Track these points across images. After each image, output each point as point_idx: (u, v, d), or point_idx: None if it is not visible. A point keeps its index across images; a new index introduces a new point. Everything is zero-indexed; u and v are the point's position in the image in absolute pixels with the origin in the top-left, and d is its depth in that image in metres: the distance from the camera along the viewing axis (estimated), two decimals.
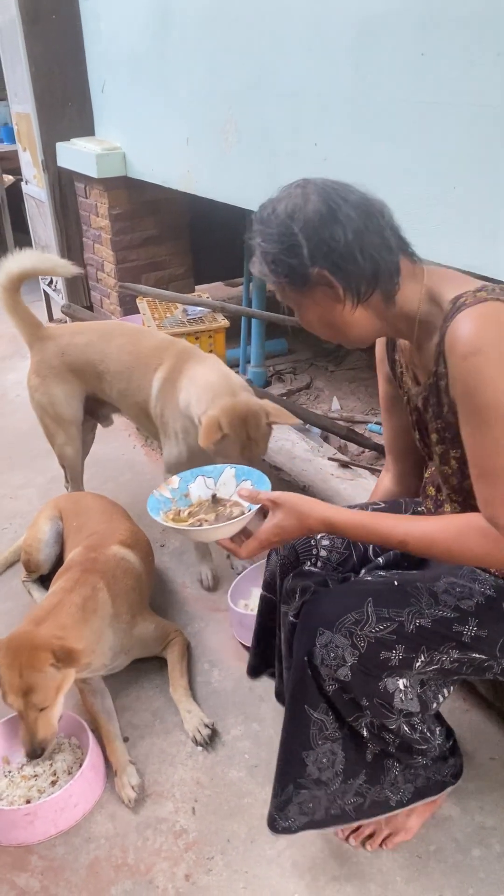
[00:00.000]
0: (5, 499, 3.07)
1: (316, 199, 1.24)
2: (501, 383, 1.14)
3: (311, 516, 1.31)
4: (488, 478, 1.19)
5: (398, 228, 1.30)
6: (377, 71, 1.94)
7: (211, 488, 1.55)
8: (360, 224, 1.23)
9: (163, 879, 1.62)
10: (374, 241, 1.25)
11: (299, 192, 1.26)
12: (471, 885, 1.57)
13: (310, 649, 1.35)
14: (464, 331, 1.18)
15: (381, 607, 1.34)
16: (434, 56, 1.75)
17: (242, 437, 2.05)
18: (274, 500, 1.34)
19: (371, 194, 1.29)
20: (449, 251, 1.83)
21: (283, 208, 1.26)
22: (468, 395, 1.18)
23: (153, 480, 3.06)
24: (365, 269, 1.25)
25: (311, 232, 1.23)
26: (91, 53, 3.89)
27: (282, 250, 1.26)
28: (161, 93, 3.18)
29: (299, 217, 1.24)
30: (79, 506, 2.43)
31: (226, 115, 2.69)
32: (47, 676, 1.70)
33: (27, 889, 1.62)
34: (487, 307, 1.19)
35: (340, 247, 1.23)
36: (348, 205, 1.24)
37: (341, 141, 2.13)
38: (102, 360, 2.48)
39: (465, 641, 1.34)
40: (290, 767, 1.44)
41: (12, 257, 2.43)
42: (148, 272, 4.06)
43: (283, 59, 2.31)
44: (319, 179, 1.28)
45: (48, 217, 4.40)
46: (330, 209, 1.23)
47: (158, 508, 1.48)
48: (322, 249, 1.24)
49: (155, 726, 1.99)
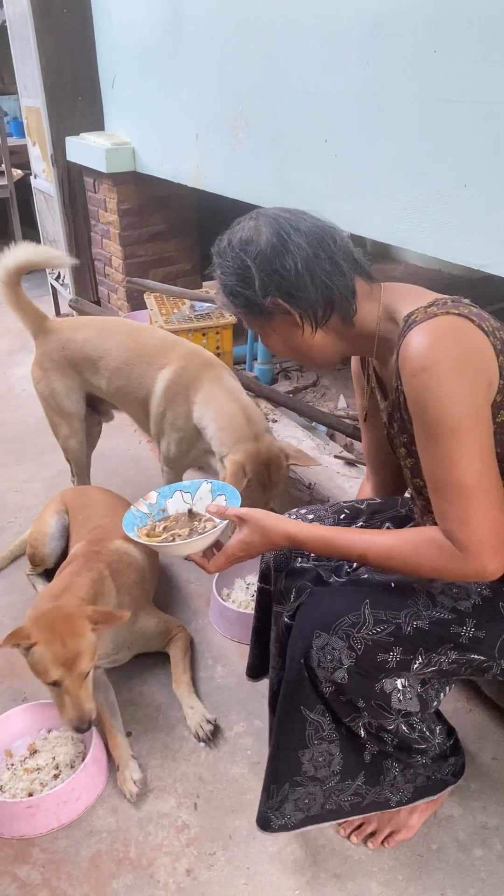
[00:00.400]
0: (10, 493, 3.07)
1: (267, 230, 1.30)
2: (449, 399, 1.16)
3: (275, 532, 1.36)
4: (442, 492, 1.21)
5: (352, 251, 1.35)
6: (388, 68, 1.93)
7: (188, 503, 1.59)
8: (311, 252, 1.29)
9: (164, 874, 1.62)
10: (325, 268, 1.30)
11: (252, 224, 1.33)
12: (472, 884, 1.57)
13: (306, 651, 1.35)
14: (413, 348, 1.20)
15: (378, 609, 1.33)
16: (446, 53, 1.74)
17: (264, 481, 2.16)
18: (240, 517, 1.39)
19: (323, 221, 1.34)
20: (458, 249, 1.83)
21: (237, 240, 1.33)
22: (418, 411, 1.21)
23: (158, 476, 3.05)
24: (318, 296, 1.31)
25: (263, 263, 1.29)
26: (102, 48, 3.88)
27: (237, 282, 1.33)
28: (171, 88, 3.18)
29: (252, 249, 1.30)
30: (84, 499, 2.43)
31: (236, 111, 2.69)
32: (88, 641, 1.72)
33: (28, 881, 1.62)
34: (437, 322, 1.21)
35: (291, 276, 1.29)
36: (299, 234, 1.29)
37: (351, 137, 2.12)
38: (101, 356, 2.48)
39: (463, 643, 1.34)
40: (284, 767, 1.44)
41: (7, 252, 2.44)
42: (156, 268, 4.06)
43: (294, 56, 2.31)
44: (272, 210, 1.34)
45: (56, 212, 4.41)
46: (281, 239, 1.29)
47: (133, 524, 1.53)
48: (274, 279, 1.30)
49: (158, 721, 1.99)
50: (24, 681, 2.12)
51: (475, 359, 1.19)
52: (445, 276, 5.20)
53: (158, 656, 2.16)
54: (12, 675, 2.15)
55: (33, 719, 1.93)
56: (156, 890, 1.59)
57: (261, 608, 1.69)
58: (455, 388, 1.16)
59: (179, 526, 1.52)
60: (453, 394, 1.16)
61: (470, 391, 1.17)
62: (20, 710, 1.93)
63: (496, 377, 1.21)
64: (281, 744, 1.44)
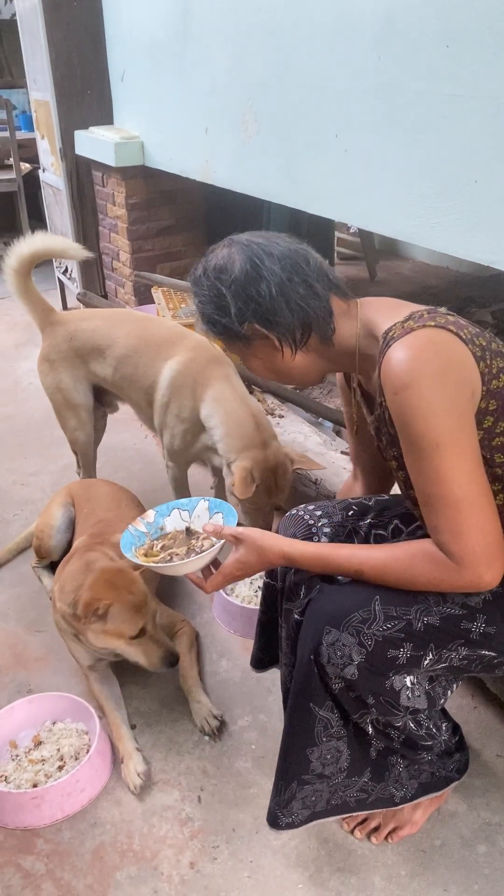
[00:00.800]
0: (17, 485, 3.08)
1: (240, 257, 1.32)
2: (432, 414, 1.17)
3: (271, 551, 1.38)
4: (432, 505, 1.21)
5: (326, 271, 1.37)
6: (400, 62, 1.92)
7: (186, 521, 1.60)
8: (284, 277, 1.31)
9: (167, 866, 1.62)
10: (299, 291, 1.32)
11: (225, 251, 1.34)
12: (475, 881, 1.57)
13: (316, 648, 1.34)
14: (393, 366, 1.21)
15: (389, 605, 1.32)
16: (458, 48, 1.74)
17: (270, 486, 2.19)
18: (236, 536, 1.40)
19: (295, 243, 1.36)
20: (467, 246, 1.82)
21: (211, 268, 1.35)
22: (403, 428, 1.22)
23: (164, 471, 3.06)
24: (294, 319, 1.33)
25: (237, 290, 1.31)
26: (111, 41, 3.88)
27: (214, 310, 1.36)
28: (181, 82, 3.17)
29: (226, 277, 1.32)
30: (90, 492, 2.44)
31: (246, 106, 2.68)
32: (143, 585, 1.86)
33: (32, 872, 1.63)
34: (415, 337, 1.21)
35: (267, 301, 1.31)
36: (272, 259, 1.31)
37: (361, 133, 2.12)
38: (109, 345, 2.48)
39: (474, 639, 1.33)
40: (293, 765, 1.44)
41: (24, 240, 2.44)
42: (163, 262, 4.06)
43: (304, 50, 2.30)
44: (245, 237, 1.36)
45: (65, 206, 4.40)
46: (254, 266, 1.31)
47: (131, 544, 1.54)
48: (250, 306, 1.32)
49: (162, 715, 1.99)
50: (30, 672, 2.13)
51: (456, 370, 1.20)
52: (454, 273, 5.20)
53: None
54: (17, 667, 2.15)
55: (38, 711, 1.93)
56: (159, 882, 1.59)
57: (266, 602, 1.69)
58: (437, 402, 1.17)
59: (177, 544, 1.53)
60: (436, 408, 1.17)
61: (452, 403, 1.18)
62: (25, 702, 1.93)
63: (479, 385, 1.22)
64: (290, 742, 1.44)
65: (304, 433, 2.85)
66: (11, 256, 2.45)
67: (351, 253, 5.74)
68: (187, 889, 1.58)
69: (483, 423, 1.24)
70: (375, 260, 5.31)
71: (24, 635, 2.27)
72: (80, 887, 1.59)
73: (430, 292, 4.81)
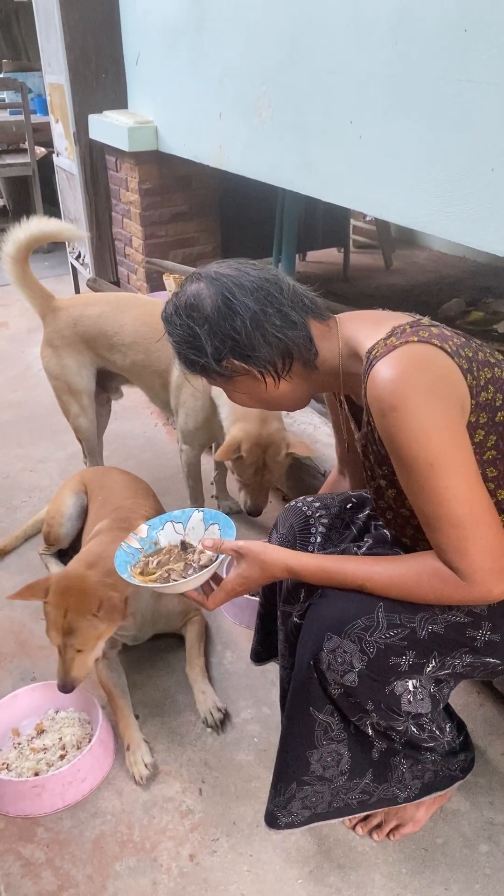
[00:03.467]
0: (25, 472, 3.08)
1: (210, 293, 1.28)
2: (423, 434, 1.14)
3: (274, 565, 1.33)
4: (434, 525, 1.18)
5: (301, 295, 1.33)
6: (417, 47, 1.88)
7: (180, 534, 1.55)
8: (258, 309, 1.27)
9: (167, 858, 1.62)
10: (275, 323, 1.28)
11: (194, 288, 1.30)
12: (477, 880, 1.56)
13: (316, 653, 1.32)
14: (379, 387, 1.17)
15: (393, 613, 1.28)
16: (476, 33, 1.69)
17: (258, 463, 2.18)
18: (237, 551, 1.36)
19: (266, 271, 1.32)
20: (483, 235, 1.78)
21: (182, 306, 1.31)
22: (395, 451, 1.18)
23: (174, 459, 3.05)
24: (273, 351, 1.29)
25: (211, 329, 1.28)
26: (126, 24, 3.83)
27: (190, 350, 1.32)
28: (195, 66, 3.13)
29: (198, 315, 1.28)
30: (104, 480, 2.42)
31: (260, 91, 2.64)
32: (88, 623, 1.74)
33: (32, 860, 1.63)
34: (399, 355, 1.18)
35: (242, 338, 1.27)
36: (244, 291, 1.27)
37: (377, 119, 2.07)
38: (117, 331, 2.47)
39: (478, 647, 1.31)
40: (291, 767, 1.43)
41: (18, 227, 2.42)
42: (176, 249, 4.03)
43: (319, 34, 2.26)
44: (213, 268, 1.32)
45: (78, 190, 4.38)
46: (226, 301, 1.27)
47: (126, 563, 1.49)
48: (227, 344, 1.28)
49: (165, 705, 1.99)
50: (34, 660, 2.13)
51: (443, 386, 1.16)
52: (470, 262, 5.13)
53: (168, 641, 2.16)
54: (22, 655, 2.15)
55: (41, 699, 1.93)
56: (158, 874, 1.59)
57: (265, 595, 1.68)
58: (427, 421, 1.13)
59: (173, 560, 1.48)
60: (427, 428, 1.13)
61: (443, 421, 1.14)
62: (28, 690, 1.93)
63: (467, 399, 1.18)
64: (289, 743, 1.43)
65: (315, 424, 2.82)
66: (8, 243, 2.44)
67: (367, 241, 5.68)
68: (186, 881, 1.57)
69: (474, 438, 1.20)
70: (391, 249, 5.25)
71: (30, 623, 2.27)
72: (79, 877, 1.59)
73: (446, 282, 4.76)
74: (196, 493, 2.61)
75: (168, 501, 2.67)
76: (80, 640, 1.74)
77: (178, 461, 2.56)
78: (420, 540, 1.32)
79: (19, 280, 2.51)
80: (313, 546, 1.56)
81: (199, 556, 1.45)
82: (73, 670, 1.75)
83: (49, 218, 2.52)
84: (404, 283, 4.86)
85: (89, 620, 1.73)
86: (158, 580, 1.43)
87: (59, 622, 1.73)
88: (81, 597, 1.74)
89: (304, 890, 1.55)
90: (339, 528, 1.58)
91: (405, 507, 1.31)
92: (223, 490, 2.80)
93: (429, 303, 4.28)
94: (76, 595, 1.75)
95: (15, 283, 2.53)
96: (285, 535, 1.59)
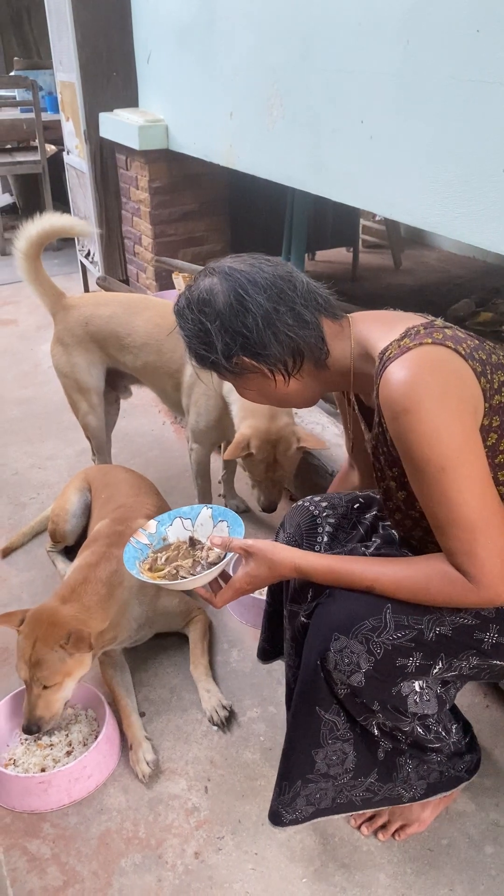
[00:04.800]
0: (34, 469, 3.09)
1: (223, 289, 1.27)
2: (435, 438, 1.13)
3: (282, 564, 1.33)
4: (444, 529, 1.18)
5: (314, 292, 1.32)
6: (428, 46, 1.87)
7: (188, 530, 1.56)
8: (270, 307, 1.26)
9: (172, 855, 1.62)
10: (287, 322, 1.27)
11: (207, 282, 1.29)
12: (482, 881, 1.56)
13: (323, 653, 1.32)
14: (392, 389, 1.16)
15: (401, 614, 1.28)
16: (489, 33, 1.69)
17: (269, 459, 2.17)
18: (246, 549, 1.36)
19: (280, 267, 1.30)
20: (492, 236, 1.78)
21: (195, 301, 1.30)
22: (406, 453, 1.18)
23: (181, 457, 3.05)
24: (284, 350, 1.28)
25: (223, 325, 1.27)
26: (138, 22, 3.84)
27: (200, 345, 1.31)
28: (206, 65, 3.13)
29: (210, 311, 1.27)
30: (108, 478, 2.43)
31: (270, 90, 2.64)
32: (56, 656, 1.72)
33: (38, 855, 1.63)
34: (412, 357, 1.17)
35: (254, 335, 1.26)
36: (257, 288, 1.26)
37: (387, 119, 2.07)
38: (129, 333, 2.47)
39: (486, 649, 1.30)
40: (297, 765, 1.43)
41: (30, 223, 2.43)
42: (185, 247, 4.03)
43: (331, 34, 2.25)
44: (227, 265, 1.30)
45: (88, 188, 4.39)
46: (238, 298, 1.26)
47: (135, 559, 1.49)
48: (238, 340, 1.27)
49: (171, 703, 1.99)
50: None
51: (456, 389, 1.16)
52: (480, 263, 5.12)
53: (174, 638, 2.17)
54: None
55: None
56: (163, 871, 1.60)
57: (272, 594, 1.68)
58: (439, 425, 1.13)
59: (181, 556, 1.49)
60: (439, 431, 1.13)
61: (456, 424, 1.14)
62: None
63: (480, 402, 1.18)
64: (294, 742, 1.43)
65: (322, 424, 2.82)
66: (20, 239, 2.44)
67: (376, 241, 5.67)
68: (191, 878, 1.58)
69: (486, 441, 1.20)
70: (401, 249, 5.24)
71: None
72: (84, 872, 1.60)
73: (455, 282, 4.74)
74: (204, 491, 2.61)
75: (175, 500, 2.68)
76: (47, 675, 1.71)
77: (185, 459, 2.56)
78: (428, 542, 1.32)
79: (31, 277, 2.52)
80: (320, 546, 1.57)
81: (208, 553, 1.46)
82: (37, 708, 1.72)
83: (61, 213, 2.53)
84: (413, 284, 4.84)
85: (57, 653, 1.71)
86: (167, 577, 1.43)
87: (27, 653, 1.72)
88: (51, 628, 1.73)
89: (309, 889, 1.55)
90: (347, 529, 1.58)
91: (415, 510, 1.31)
92: (231, 489, 2.81)
93: (438, 303, 4.27)
94: (46, 626, 1.73)
95: (27, 280, 2.54)
96: (292, 534, 1.59)
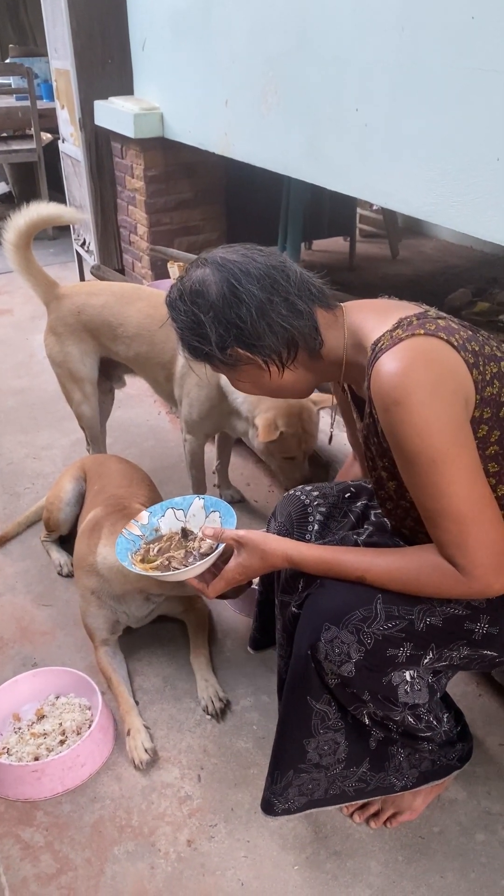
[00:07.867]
0: (28, 459, 3.08)
1: (217, 279, 1.26)
2: (426, 430, 1.13)
3: (274, 554, 1.34)
4: (435, 521, 1.18)
5: (308, 282, 1.31)
6: (424, 34, 1.86)
7: (181, 520, 1.56)
8: (264, 298, 1.25)
9: (165, 843, 1.63)
10: (281, 312, 1.26)
11: (200, 273, 1.28)
12: (473, 869, 1.57)
13: (314, 643, 1.32)
14: (383, 381, 1.16)
15: (391, 605, 1.29)
16: (484, 20, 1.68)
17: (298, 432, 2.18)
18: (238, 540, 1.36)
19: (273, 257, 1.29)
20: (489, 226, 1.77)
21: (187, 292, 1.28)
22: (397, 445, 1.18)
23: (177, 448, 3.05)
24: (278, 340, 1.28)
25: (216, 316, 1.26)
26: (133, 10, 3.81)
27: (194, 337, 1.30)
28: (202, 53, 3.11)
29: (203, 302, 1.26)
30: (103, 468, 2.43)
31: (266, 78, 2.62)
32: None
33: (31, 843, 1.64)
34: (404, 348, 1.17)
35: (248, 326, 1.25)
36: (250, 278, 1.25)
37: (383, 107, 2.06)
38: (121, 323, 2.46)
39: (476, 639, 1.31)
40: (289, 755, 1.43)
41: (17, 214, 2.41)
42: (181, 236, 4.02)
43: (326, 21, 2.24)
44: (219, 255, 1.29)
45: (83, 177, 4.36)
46: (231, 288, 1.25)
47: (127, 550, 1.49)
48: (232, 332, 1.26)
49: (165, 692, 2.00)
50: (35, 646, 2.14)
51: (448, 380, 1.15)
52: (477, 252, 5.10)
53: (168, 627, 2.17)
54: (23, 640, 2.16)
55: (42, 685, 1.94)
56: (156, 858, 1.60)
57: (264, 583, 1.68)
58: (431, 417, 1.13)
59: (174, 547, 1.49)
60: (430, 424, 1.13)
61: (447, 416, 1.14)
62: (29, 675, 1.94)
63: (472, 393, 1.17)
64: (286, 732, 1.43)
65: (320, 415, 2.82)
66: (9, 230, 2.43)
67: (373, 230, 5.65)
68: (184, 866, 1.59)
69: (477, 433, 1.19)
70: (398, 238, 5.22)
71: (31, 609, 2.28)
72: (77, 860, 1.60)
73: (452, 272, 4.73)
74: (199, 482, 2.61)
75: (169, 490, 2.68)
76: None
77: (180, 450, 2.56)
78: (419, 531, 1.32)
79: (22, 267, 2.51)
80: (311, 534, 1.57)
81: (200, 544, 1.46)
82: None
83: (48, 202, 2.51)
84: (410, 273, 4.83)
85: None
86: (159, 568, 1.43)
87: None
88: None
89: (301, 876, 1.56)
90: (338, 517, 1.59)
91: (406, 499, 1.31)
92: (225, 479, 2.80)
93: (435, 293, 4.25)
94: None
95: (18, 271, 2.52)
96: (283, 523, 1.59)
